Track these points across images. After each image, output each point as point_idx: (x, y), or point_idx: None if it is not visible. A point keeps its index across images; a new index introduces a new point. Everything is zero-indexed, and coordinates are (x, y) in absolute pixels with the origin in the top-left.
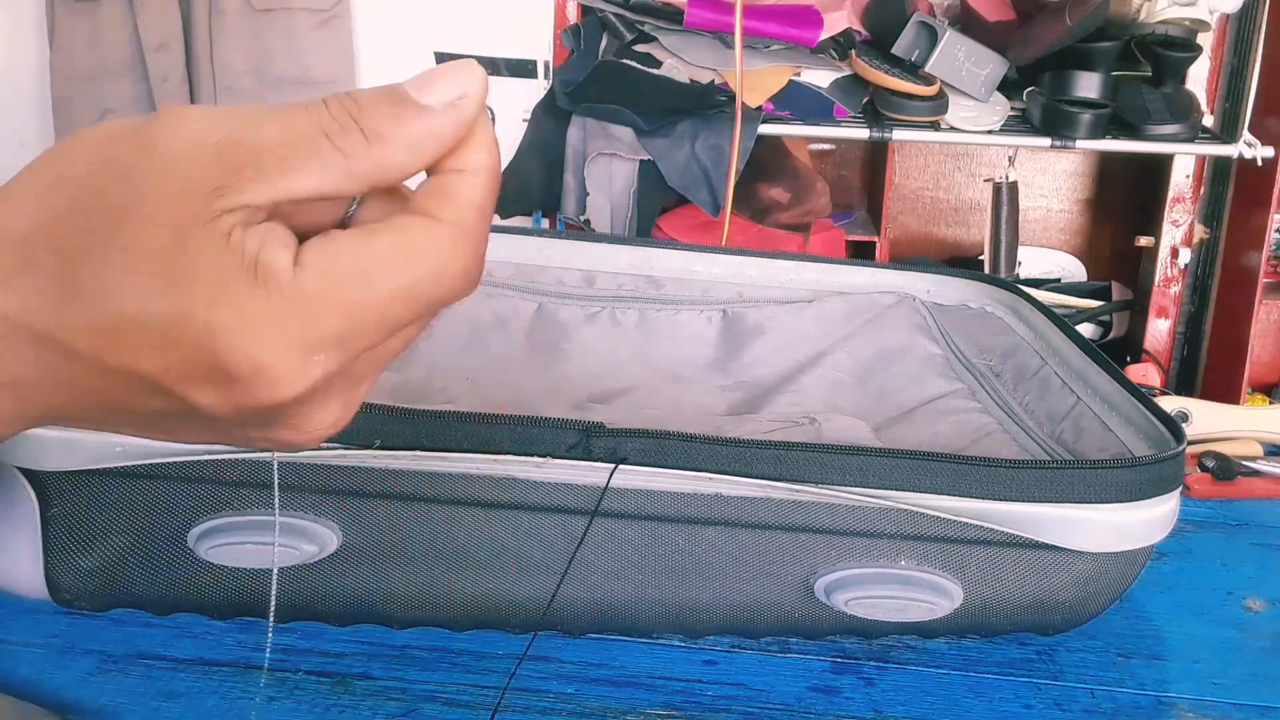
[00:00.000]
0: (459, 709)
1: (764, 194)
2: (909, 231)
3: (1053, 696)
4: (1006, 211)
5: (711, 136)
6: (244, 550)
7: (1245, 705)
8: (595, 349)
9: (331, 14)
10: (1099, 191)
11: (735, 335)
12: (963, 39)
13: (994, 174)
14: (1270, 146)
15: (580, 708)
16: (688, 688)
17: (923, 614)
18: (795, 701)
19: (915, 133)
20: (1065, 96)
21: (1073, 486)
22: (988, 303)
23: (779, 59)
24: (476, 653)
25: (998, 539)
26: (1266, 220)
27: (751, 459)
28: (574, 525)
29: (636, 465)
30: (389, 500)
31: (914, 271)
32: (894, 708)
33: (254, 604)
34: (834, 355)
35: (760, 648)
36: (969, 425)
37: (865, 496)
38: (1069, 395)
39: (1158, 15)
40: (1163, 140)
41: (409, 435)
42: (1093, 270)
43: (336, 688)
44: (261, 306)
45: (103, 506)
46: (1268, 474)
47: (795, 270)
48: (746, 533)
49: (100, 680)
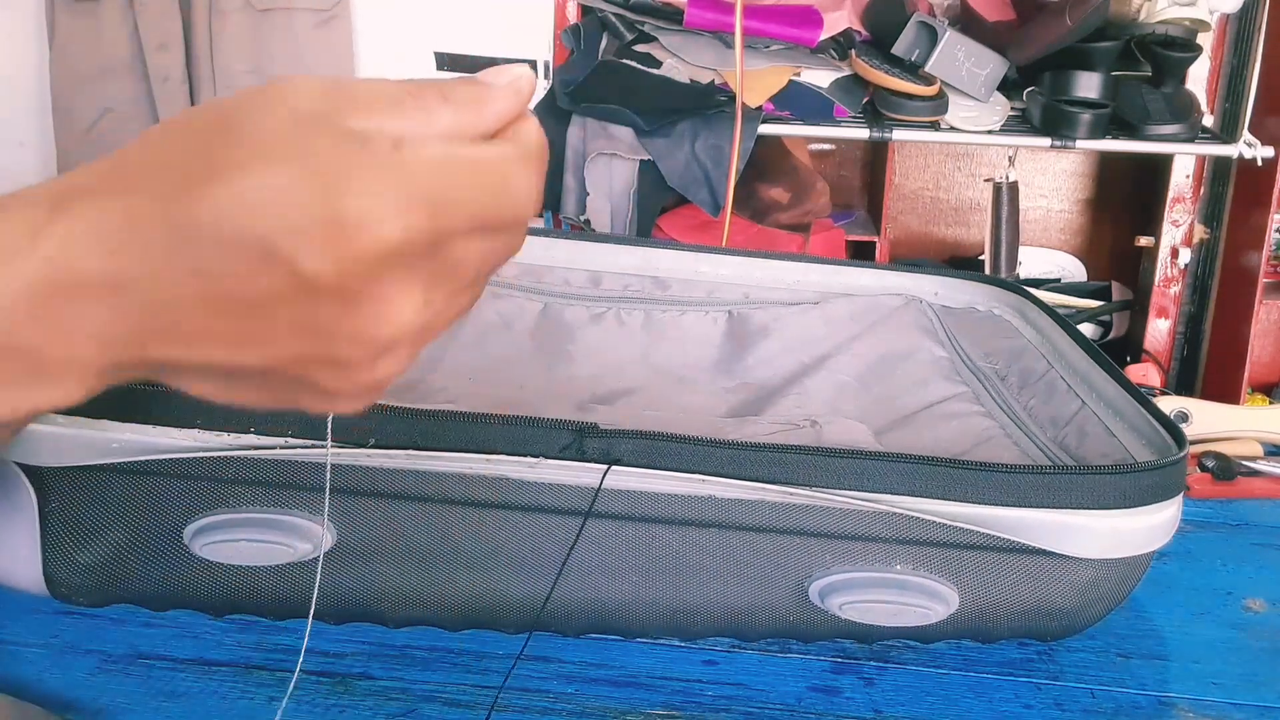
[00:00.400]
0: (459, 709)
1: (764, 194)
2: (909, 231)
3: (1053, 696)
4: (1006, 211)
5: (711, 136)
6: (238, 548)
7: (1245, 705)
8: (600, 349)
9: (331, 14)
10: (1099, 191)
11: (740, 337)
12: (963, 39)
13: (994, 174)
14: (1270, 146)
15: (580, 708)
16: (688, 688)
17: (918, 619)
18: (795, 701)
19: (915, 133)
20: (1065, 96)
21: (1071, 492)
22: (995, 305)
23: (779, 59)
24: (476, 653)
25: (995, 544)
26: (1266, 220)
27: (745, 461)
28: (567, 526)
29: (630, 466)
30: (384, 499)
31: (921, 274)
32: (894, 708)
33: (250, 601)
34: (839, 358)
35: (760, 648)
36: (972, 429)
37: (860, 500)
38: (1073, 400)
39: (1158, 15)
40: (1163, 140)
41: (404, 434)
42: (1093, 270)
43: (336, 688)
44: (369, 166)
45: (101, 502)
46: (1268, 474)
47: (802, 272)
48: (740, 535)
49: (100, 680)
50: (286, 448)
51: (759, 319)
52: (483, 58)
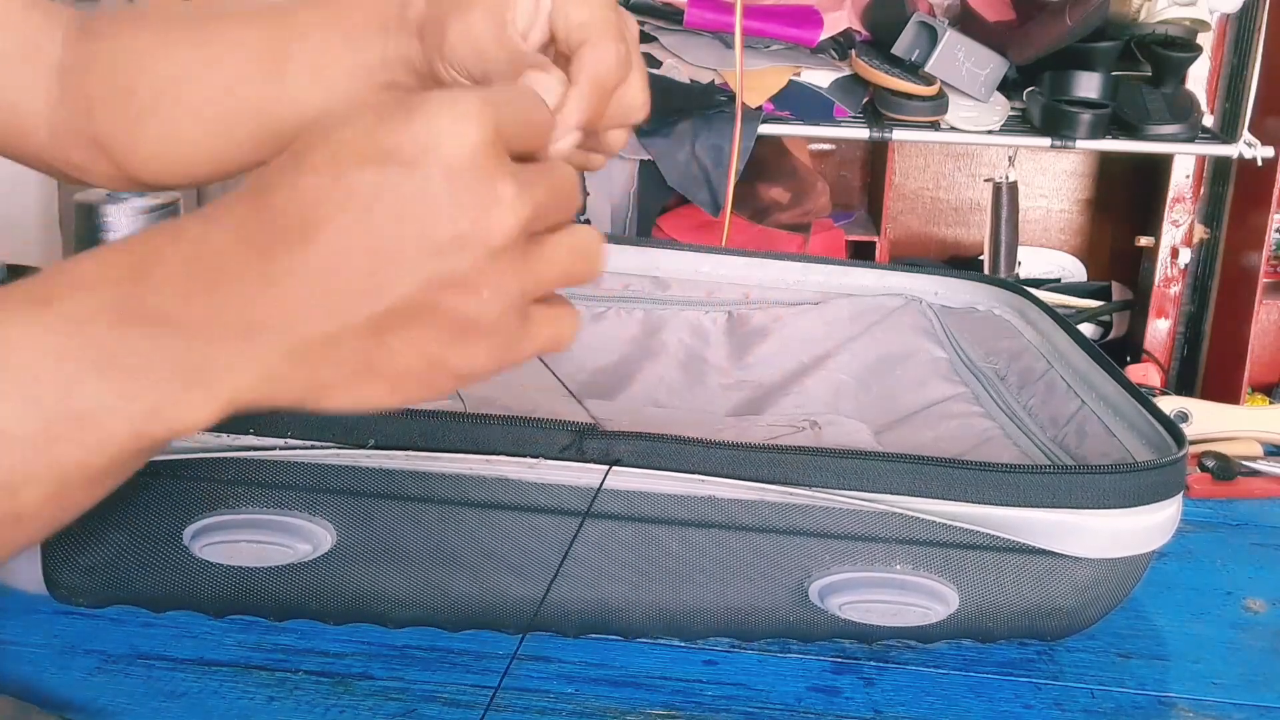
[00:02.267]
0: (459, 709)
1: (764, 194)
2: (909, 231)
3: (1053, 696)
4: (1006, 211)
5: (711, 136)
6: (238, 549)
7: (1245, 705)
8: (600, 349)
9: None
10: (1099, 191)
11: (740, 337)
12: (963, 39)
13: (994, 174)
14: (1270, 146)
15: (580, 708)
16: (688, 688)
17: (918, 618)
18: (795, 701)
19: (915, 133)
20: (1065, 96)
21: (1071, 492)
22: (995, 305)
23: (779, 59)
24: (476, 653)
25: (995, 544)
26: (1266, 220)
27: (745, 461)
28: (567, 526)
29: (630, 467)
30: (383, 500)
31: (921, 274)
32: (894, 708)
33: (249, 602)
34: (838, 358)
35: (760, 648)
36: (971, 429)
37: (860, 500)
38: (1073, 399)
39: (1158, 15)
40: (1163, 140)
41: (403, 435)
42: (1093, 270)
43: (336, 688)
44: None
45: (100, 504)
46: (1268, 474)
47: (802, 272)
48: (740, 535)
49: (100, 680)
50: (286, 448)
51: (759, 319)
52: None
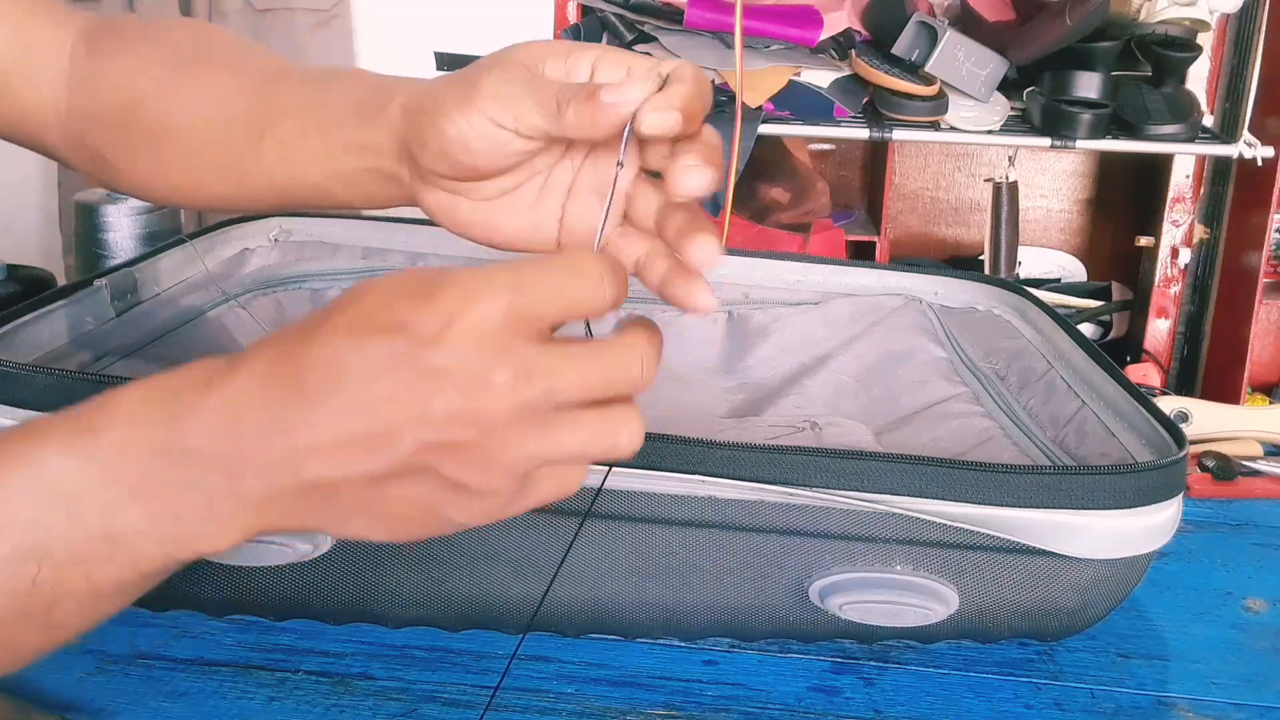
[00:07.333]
0: (459, 709)
1: (764, 194)
2: (909, 231)
3: (1053, 696)
4: (1006, 211)
5: None
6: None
7: (1245, 705)
8: None
9: (331, 14)
10: (1099, 191)
11: (740, 337)
12: (963, 39)
13: (994, 174)
14: (1270, 146)
15: (580, 708)
16: (688, 688)
17: (918, 619)
18: (795, 701)
19: (915, 133)
20: (1065, 96)
21: (1071, 492)
22: (995, 305)
23: (779, 59)
24: (476, 653)
25: (995, 544)
26: (1266, 220)
27: (745, 462)
28: (567, 526)
29: (629, 467)
30: None
31: (921, 274)
32: (894, 708)
33: (248, 602)
34: (839, 358)
35: (760, 648)
36: (971, 429)
37: (860, 500)
38: (1073, 399)
39: (1158, 15)
40: (1163, 140)
41: None
42: (1093, 270)
43: (336, 688)
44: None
45: None
46: (1268, 474)
47: (802, 272)
48: (740, 536)
49: (100, 680)
50: None
51: (759, 319)
52: (483, 58)
